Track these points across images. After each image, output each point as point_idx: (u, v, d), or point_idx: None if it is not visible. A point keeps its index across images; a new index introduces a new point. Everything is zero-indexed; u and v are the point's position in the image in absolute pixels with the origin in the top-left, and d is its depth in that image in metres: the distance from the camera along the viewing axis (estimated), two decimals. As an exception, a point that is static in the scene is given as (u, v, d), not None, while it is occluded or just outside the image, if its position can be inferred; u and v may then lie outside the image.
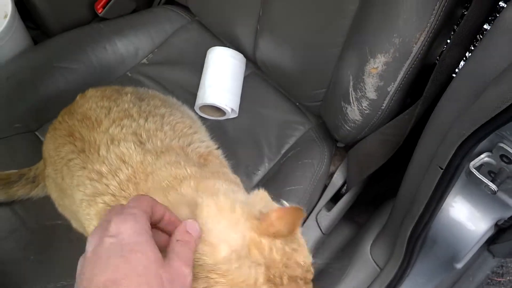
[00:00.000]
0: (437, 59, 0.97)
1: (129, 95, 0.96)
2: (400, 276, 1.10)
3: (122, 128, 0.84)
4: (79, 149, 0.83)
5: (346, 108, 1.01)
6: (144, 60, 1.30)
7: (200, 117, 1.18)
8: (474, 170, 0.88)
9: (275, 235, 0.60)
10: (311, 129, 1.21)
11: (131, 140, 0.82)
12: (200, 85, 1.19)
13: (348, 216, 1.28)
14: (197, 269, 0.57)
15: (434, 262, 1.08)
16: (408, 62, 0.89)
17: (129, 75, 1.26)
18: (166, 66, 1.28)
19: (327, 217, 1.16)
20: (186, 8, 1.38)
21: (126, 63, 1.28)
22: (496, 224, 1.14)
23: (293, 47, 1.11)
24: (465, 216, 0.99)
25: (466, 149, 0.81)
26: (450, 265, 1.05)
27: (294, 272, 0.60)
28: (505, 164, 0.86)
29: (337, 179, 1.19)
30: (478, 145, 0.82)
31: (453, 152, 0.82)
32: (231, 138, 1.17)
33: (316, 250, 1.16)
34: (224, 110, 1.15)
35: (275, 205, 0.68)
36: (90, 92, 0.97)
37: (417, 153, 0.95)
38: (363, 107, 0.99)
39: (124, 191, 0.75)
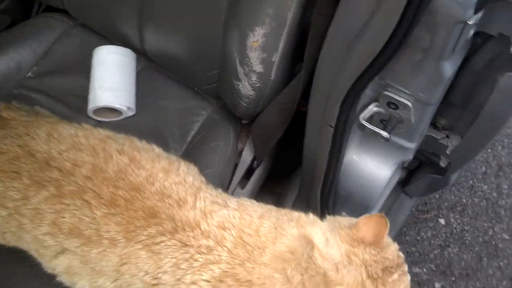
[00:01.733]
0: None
1: None
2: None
3: None
4: None
5: (238, 85, 1.04)
6: (30, 74, 1.25)
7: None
8: (364, 121, 0.94)
9: (363, 241, 0.79)
10: (213, 112, 1.23)
11: None
12: (90, 88, 1.18)
13: (267, 188, 1.33)
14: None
15: (350, 215, 1.14)
16: (285, 30, 0.93)
17: (15, 91, 1.22)
18: (54, 76, 1.24)
19: (242, 194, 1.19)
20: (66, 12, 1.35)
21: (9, 80, 1.24)
22: (405, 167, 1.23)
23: (178, 33, 1.13)
24: (368, 167, 1.06)
25: (349, 104, 0.86)
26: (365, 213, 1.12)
27: (383, 264, 0.77)
28: (393, 110, 0.92)
29: (247, 156, 1.22)
30: (359, 98, 0.88)
31: (338, 109, 0.87)
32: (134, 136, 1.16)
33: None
34: (120, 110, 1.15)
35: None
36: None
37: (309, 116, 0.99)
38: (253, 81, 1.02)
39: None
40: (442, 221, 1.69)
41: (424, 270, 1.60)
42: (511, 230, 1.67)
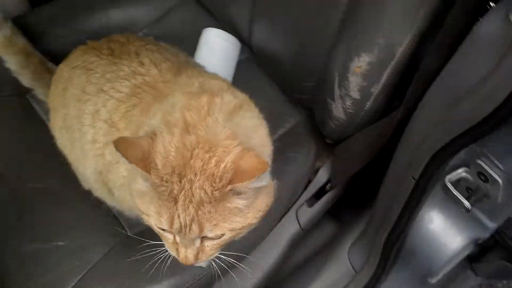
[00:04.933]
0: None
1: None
2: (374, 283, 1.11)
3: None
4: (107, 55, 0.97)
5: (331, 104, 1.02)
6: (140, 33, 1.31)
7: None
8: (449, 184, 0.88)
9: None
10: (301, 122, 1.22)
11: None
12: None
13: (333, 214, 1.30)
14: None
15: (410, 274, 1.08)
16: (392, 64, 0.89)
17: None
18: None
19: (308, 213, 1.17)
20: None
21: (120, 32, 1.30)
22: (478, 244, 1.14)
23: (287, 36, 1.11)
24: (441, 231, 1.00)
25: (439, 161, 0.81)
26: (425, 279, 1.06)
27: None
28: (482, 182, 0.85)
29: (322, 176, 1.20)
30: (452, 158, 0.82)
31: (426, 162, 0.82)
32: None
33: (293, 245, 1.18)
34: (211, 93, 1.17)
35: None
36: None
37: (393, 160, 0.95)
38: (347, 106, 0.99)
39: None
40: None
41: None
42: None
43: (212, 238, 0.75)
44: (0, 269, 1.04)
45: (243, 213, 0.74)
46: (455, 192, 0.87)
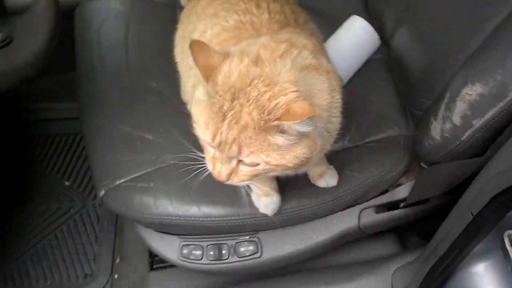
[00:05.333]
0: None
1: None
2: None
3: None
4: None
5: (432, 122, 1.03)
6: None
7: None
8: (507, 239, 0.87)
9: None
10: (403, 136, 1.23)
11: None
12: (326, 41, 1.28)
13: (397, 232, 1.30)
14: None
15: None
16: (501, 104, 0.89)
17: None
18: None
19: (371, 217, 1.19)
20: None
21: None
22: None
23: (426, 46, 1.15)
24: (484, 284, 0.98)
25: (498, 204, 0.81)
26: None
27: None
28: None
29: (402, 192, 1.20)
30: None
31: (486, 202, 0.82)
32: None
33: (343, 238, 1.21)
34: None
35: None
36: None
37: (465, 193, 0.95)
38: (445, 129, 1.00)
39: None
40: None
41: None
42: None
43: (247, 164, 0.81)
44: (93, 136, 1.24)
45: (280, 152, 0.78)
46: (509, 248, 0.86)
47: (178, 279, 1.43)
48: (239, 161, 0.81)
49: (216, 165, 0.84)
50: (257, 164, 0.80)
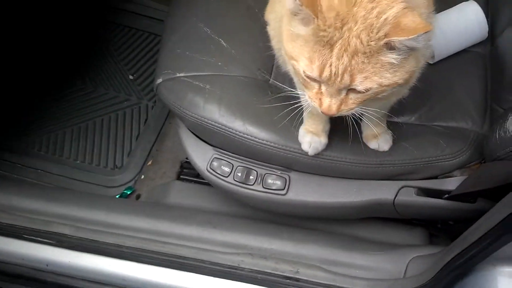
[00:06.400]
0: None
1: None
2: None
3: None
4: None
5: (510, 115, 0.97)
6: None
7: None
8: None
9: None
10: (474, 132, 1.16)
11: None
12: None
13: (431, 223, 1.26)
14: None
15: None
16: None
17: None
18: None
19: (409, 197, 1.14)
20: None
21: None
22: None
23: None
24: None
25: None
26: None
27: None
28: None
29: (451, 183, 1.13)
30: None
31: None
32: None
33: (373, 208, 1.17)
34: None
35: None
36: None
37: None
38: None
39: None
40: None
41: None
42: None
43: (358, 92, 0.78)
44: (172, 28, 1.29)
45: (393, 70, 0.75)
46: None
47: (197, 196, 1.45)
48: (349, 90, 0.79)
49: (324, 100, 0.81)
50: (369, 89, 0.77)
